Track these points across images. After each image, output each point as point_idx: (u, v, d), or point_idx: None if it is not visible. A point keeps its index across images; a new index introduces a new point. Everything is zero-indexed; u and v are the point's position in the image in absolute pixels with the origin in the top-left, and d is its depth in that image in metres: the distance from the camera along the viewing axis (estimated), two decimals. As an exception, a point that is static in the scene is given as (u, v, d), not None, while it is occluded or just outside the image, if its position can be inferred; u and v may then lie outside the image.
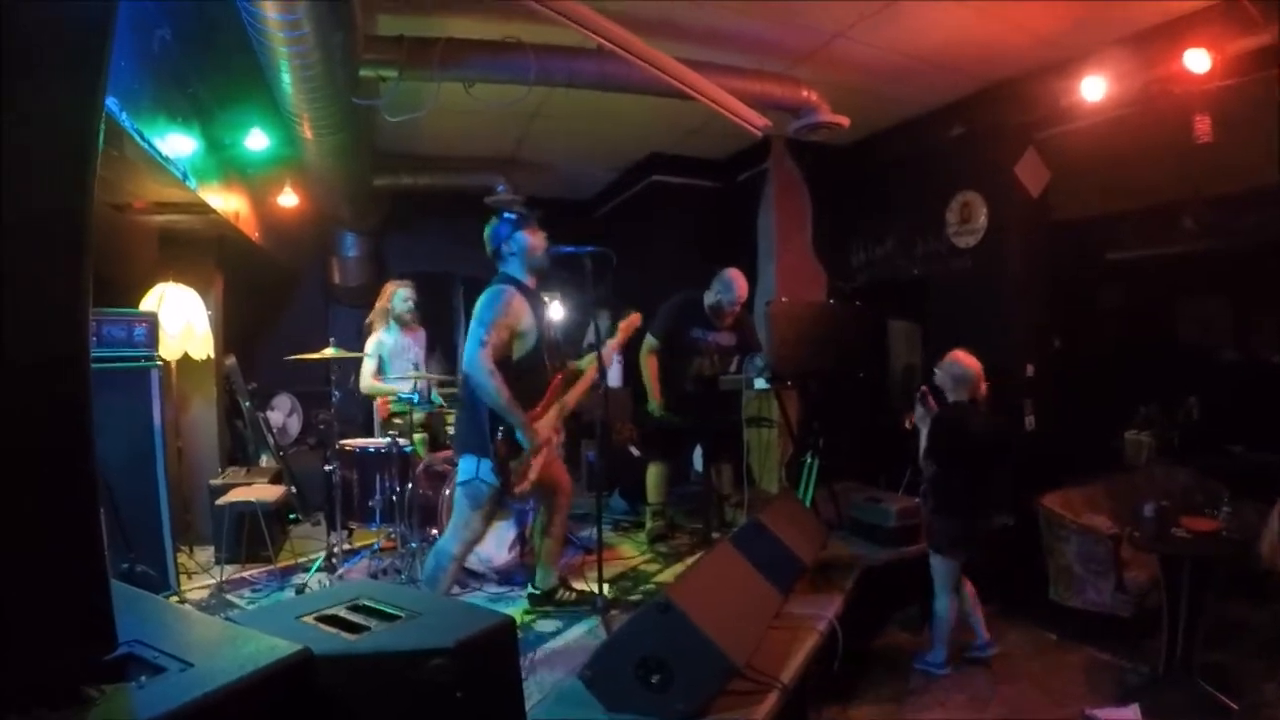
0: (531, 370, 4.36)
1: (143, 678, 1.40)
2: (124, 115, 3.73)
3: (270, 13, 3.76)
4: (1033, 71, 6.28)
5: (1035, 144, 6.73)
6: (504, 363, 4.18)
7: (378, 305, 6.50)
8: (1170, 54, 5.16)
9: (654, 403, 6.23)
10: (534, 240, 4.43)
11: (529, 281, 4.43)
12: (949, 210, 7.27)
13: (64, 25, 1.32)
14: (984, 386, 4.55)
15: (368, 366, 6.28)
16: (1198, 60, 4.98)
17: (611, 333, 4.96)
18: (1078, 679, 4.47)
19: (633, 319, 4.93)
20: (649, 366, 6.26)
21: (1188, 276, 6.35)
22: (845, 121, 6.24)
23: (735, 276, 6.18)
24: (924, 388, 4.66)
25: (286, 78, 4.53)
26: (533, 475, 4.33)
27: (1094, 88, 5.57)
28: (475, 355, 4.07)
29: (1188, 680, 4.04)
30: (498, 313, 4.16)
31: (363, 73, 5.18)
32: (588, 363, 4.79)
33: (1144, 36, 5.48)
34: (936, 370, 4.69)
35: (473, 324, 4.17)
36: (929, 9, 5.29)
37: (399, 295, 6.43)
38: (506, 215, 4.50)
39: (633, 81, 5.48)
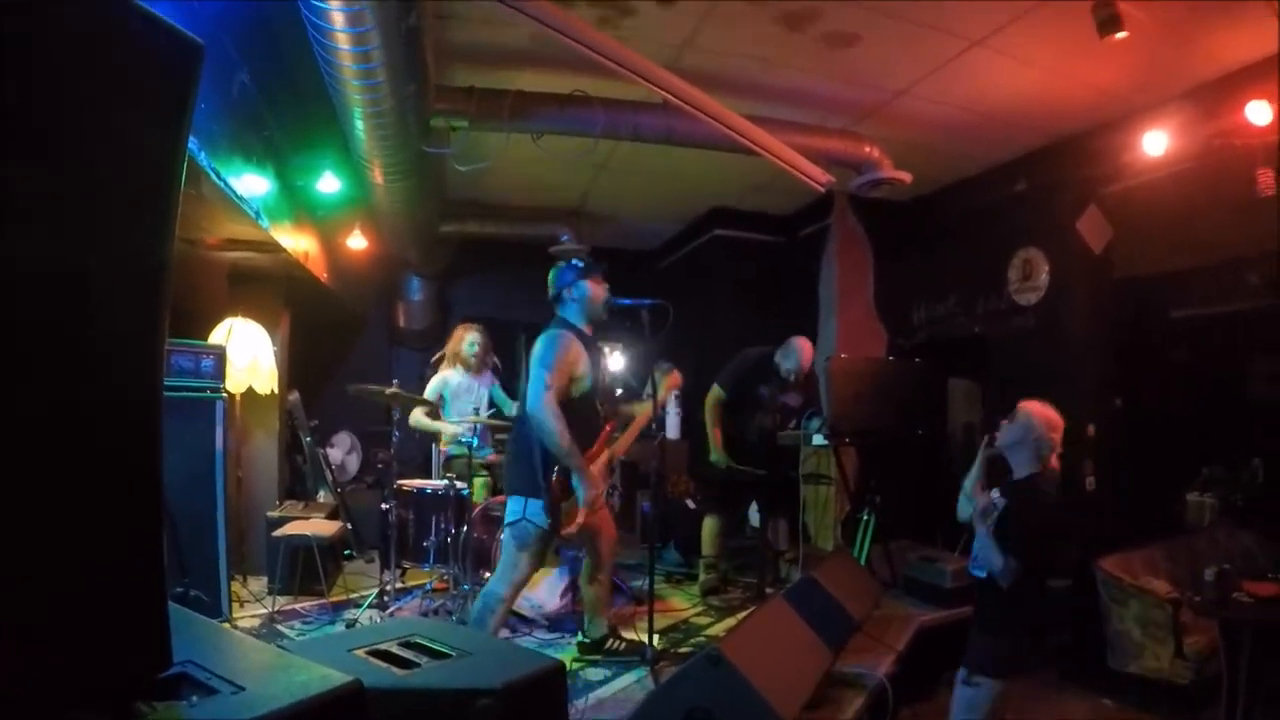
0: (586, 416, 4.36)
1: (194, 698, 1.41)
2: (202, 154, 3.85)
3: (346, 61, 3.87)
4: (1095, 127, 6.24)
5: (1097, 200, 6.64)
6: (562, 406, 4.17)
7: (448, 347, 6.60)
8: (1232, 107, 5.09)
9: (716, 453, 6.18)
10: (596, 290, 4.46)
11: (585, 329, 4.44)
12: (1010, 267, 7.20)
13: (153, 70, 1.38)
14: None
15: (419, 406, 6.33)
16: (1259, 112, 4.88)
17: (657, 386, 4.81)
18: (1134, 749, 4.33)
19: (674, 378, 4.90)
20: (713, 416, 6.23)
21: (1253, 334, 6.19)
22: (907, 178, 6.23)
23: (802, 345, 6.19)
24: (992, 435, 3.55)
25: (359, 124, 4.65)
26: (581, 519, 4.32)
27: (1156, 142, 5.49)
28: (540, 398, 4.06)
29: (1247, 752, 3.88)
30: (559, 357, 4.16)
31: (433, 122, 5.30)
32: (638, 410, 4.80)
33: (1205, 89, 5.44)
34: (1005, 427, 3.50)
35: (534, 367, 4.16)
36: (991, 65, 5.30)
37: (467, 339, 6.52)
38: (574, 261, 4.54)
39: (697, 136, 5.54)
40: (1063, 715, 4.53)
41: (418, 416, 6.27)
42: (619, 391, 4.91)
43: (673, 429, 8.76)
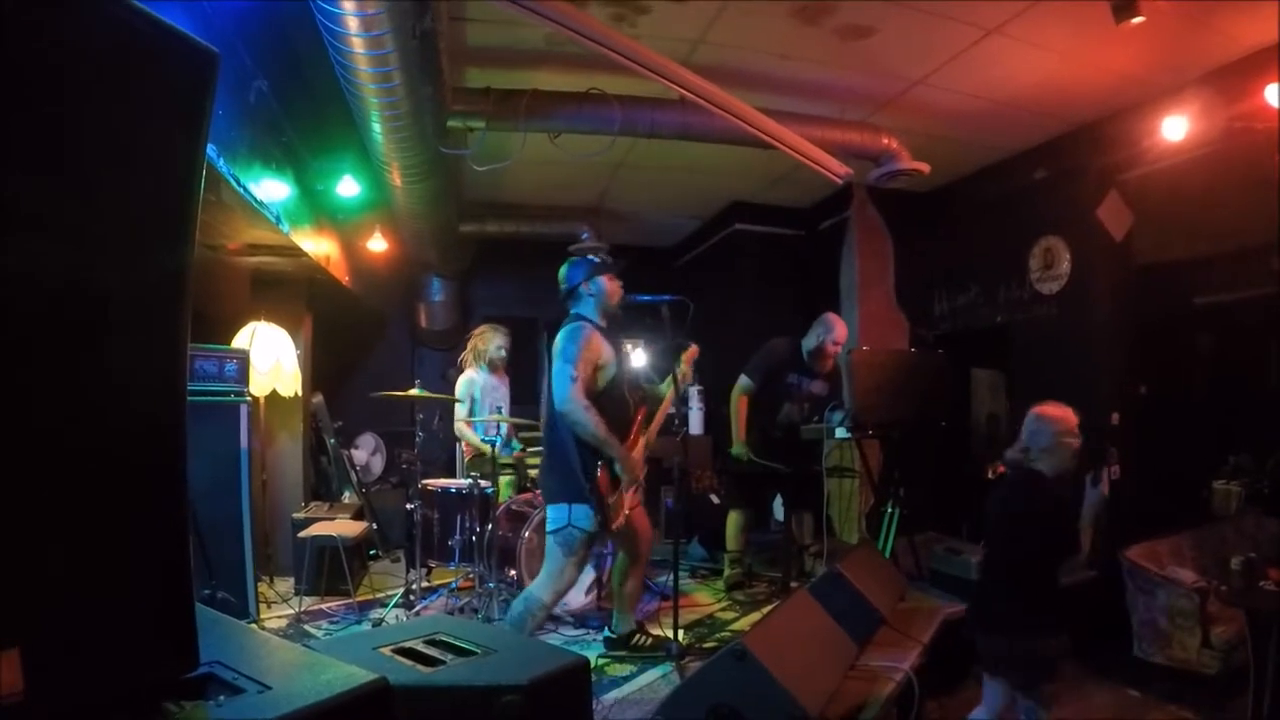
0: (616, 404, 4.35)
1: (221, 697, 1.42)
2: (221, 161, 3.89)
3: (361, 65, 3.89)
4: (1114, 112, 6.19)
5: (1117, 186, 6.57)
6: (590, 398, 4.16)
7: (470, 345, 6.61)
8: (1251, 90, 5.03)
9: (739, 445, 6.17)
10: (612, 286, 4.46)
11: (601, 323, 4.43)
12: (1032, 256, 7.15)
13: (169, 80, 1.39)
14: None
15: (460, 410, 6.37)
16: (1278, 95, 4.83)
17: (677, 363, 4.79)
18: (1161, 740, 4.28)
19: (692, 350, 4.85)
20: (739, 407, 6.21)
21: (1276, 320, 6.11)
22: (925, 168, 6.20)
23: (835, 318, 6.17)
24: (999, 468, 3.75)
25: (377, 127, 4.67)
26: (627, 509, 4.33)
27: (1175, 127, 5.43)
28: (568, 391, 4.05)
29: (1276, 743, 3.83)
30: (581, 348, 4.14)
31: (451, 123, 5.30)
32: (666, 388, 4.79)
33: (1224, 73, 5.38)
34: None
35: (558, 362, 4.14)
36: (1007, 53, 5.27)
37: (494, 342, 6.54)
38: (589, 257, 4.54)
39: (714, 131, 5.53)
40: (1089, 706, 4.49)
41: (461, 426, 6.34)
42: (640, 380, 4.92)
43: (695, 424, 8.74)
